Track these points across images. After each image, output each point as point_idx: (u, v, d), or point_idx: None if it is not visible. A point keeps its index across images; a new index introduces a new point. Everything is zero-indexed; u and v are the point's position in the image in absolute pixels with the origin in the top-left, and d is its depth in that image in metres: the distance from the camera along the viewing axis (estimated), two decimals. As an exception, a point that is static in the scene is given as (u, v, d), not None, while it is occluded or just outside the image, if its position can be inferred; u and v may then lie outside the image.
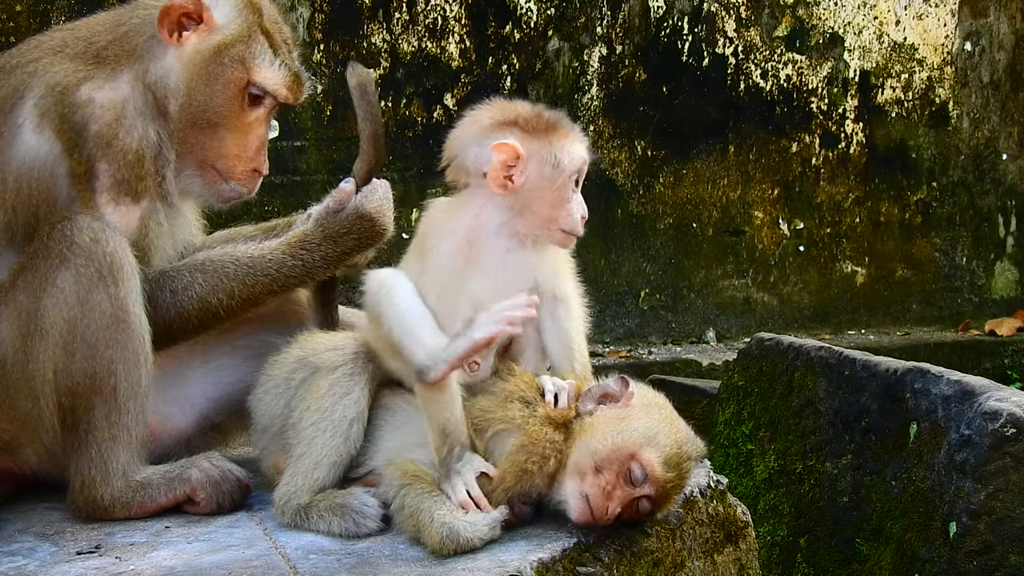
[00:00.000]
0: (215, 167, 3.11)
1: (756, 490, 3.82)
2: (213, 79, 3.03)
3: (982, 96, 6.86)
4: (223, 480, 2.86)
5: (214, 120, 3.06)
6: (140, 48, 3.03)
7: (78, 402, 2.82)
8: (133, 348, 2.84)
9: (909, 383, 3.44)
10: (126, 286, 2.82)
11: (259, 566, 2.51)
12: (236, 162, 3.11)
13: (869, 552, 3.45)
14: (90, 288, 2.79)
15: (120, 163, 2.94)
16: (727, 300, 6.31)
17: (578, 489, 2.54)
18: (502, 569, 2.43)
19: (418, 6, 5.52)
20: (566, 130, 2.81)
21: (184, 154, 3.08)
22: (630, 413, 2.60)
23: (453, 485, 2.60)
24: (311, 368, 2.83)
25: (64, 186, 2.92)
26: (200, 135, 3.07)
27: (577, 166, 2.79)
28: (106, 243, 2.81)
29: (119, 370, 2.82)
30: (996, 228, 6.97)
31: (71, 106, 2.92)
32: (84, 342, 2.80)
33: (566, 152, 2.79)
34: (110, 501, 2.84)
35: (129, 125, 2.96)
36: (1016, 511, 3.13)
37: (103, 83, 2.97)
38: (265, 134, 3.16)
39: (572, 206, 2.79)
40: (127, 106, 2.97)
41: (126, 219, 2.96)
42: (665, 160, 6.11)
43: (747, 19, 6.24)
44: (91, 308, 2.80)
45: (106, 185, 2.94)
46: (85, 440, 2.83)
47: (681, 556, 2.75)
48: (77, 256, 2.79)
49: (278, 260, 3.04)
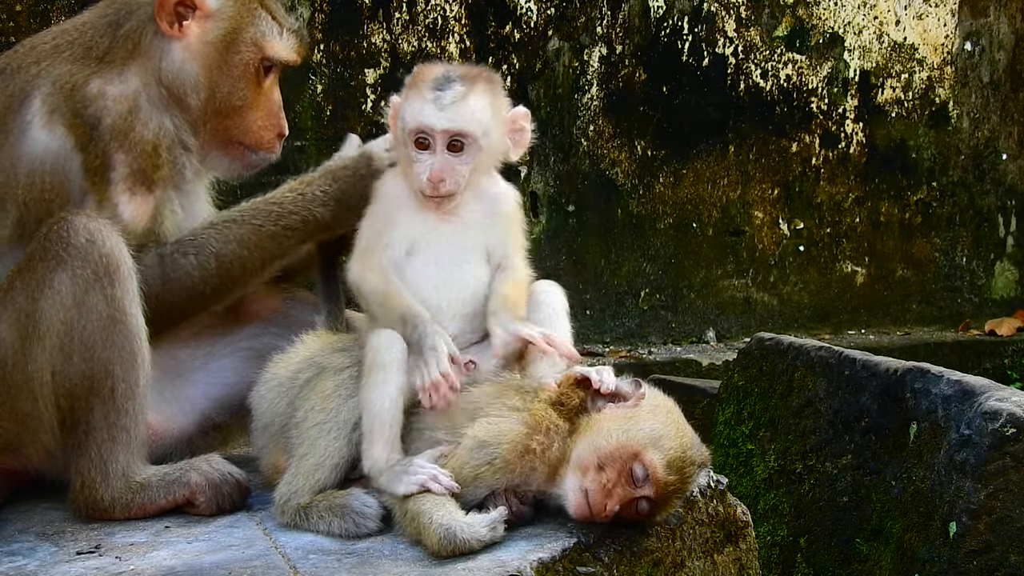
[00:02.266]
0: (242, 142, 3.18)
1: (756, 490, 3.81)
2: (232, 67, 3.10)
3: (982, 96, 6.85)
4: (223, 483, 2.86)
5: (239, 104, 3.13)
6: (144, 47, 3.06)
7: (76, 403, 2.82)
8: (130, 349, 2.84)
9: (909, 383, 3.44)
10: (123, 287, 2.83)
11: (259, 566, 2.51)
12: (262, 133, 3.19)
13: (869, 552, 3.45)
14: (86, 289, 2.79)
15: (137, 153, 2.98)
16: (727, 300, 6.31)
17: (578, 484, 2.54)
18: (502, 569, 2.44)
19: (418, 6, 5.52)
20: (421, 84, 2.76)
21: (209, 139, 3.15)
22: (638, 413, 2.61)
23: (427, 362, 2.61)
24: (317, 368, 2.83)
25: (77, 179, 2.95)
26: (226, 120, 3.14)
27: (411, 124, 2.73)
28: (102, 243, 2.81)
29: (116, 371, 2.82)
30: (996, 228, 6.97)
31: (83, 101, 2.95)
32: (81, 343, 2.81)
33: (407, 106, 2.77)
34: (110, 502, 2.84)
35: (145, 117, 3.00)
36: (1016, 511, 3.13)
37: (113, 78, 3.01)
38: (279, 97, 3.23)
39: (418, 166, 2.74)
40: (140, 98, 3.02)
41: (142, 208, 2.99)
42: (665, 160, 6.11)
43: (747, 19, 6.23)
44: (88, 309, 2.80)
45: (122, 175, 2.97)
46: (84, 441, 2.83)
47: (681, 556, 2.75)
48: (73, 257, 2.79)
49: (279, 198, 3.10)
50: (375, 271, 2.79)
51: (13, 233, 2.96)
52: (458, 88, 2.74)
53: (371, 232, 2.84)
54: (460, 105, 2.73)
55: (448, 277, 2.79)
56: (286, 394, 2.87)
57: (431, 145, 2.73)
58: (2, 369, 2.85)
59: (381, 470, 2.62)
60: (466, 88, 2.74)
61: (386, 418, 2.64)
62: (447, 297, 2.79)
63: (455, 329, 2.77)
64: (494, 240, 2.84)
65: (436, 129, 2.72)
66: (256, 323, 3.31)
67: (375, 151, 3.14)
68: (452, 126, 2.72)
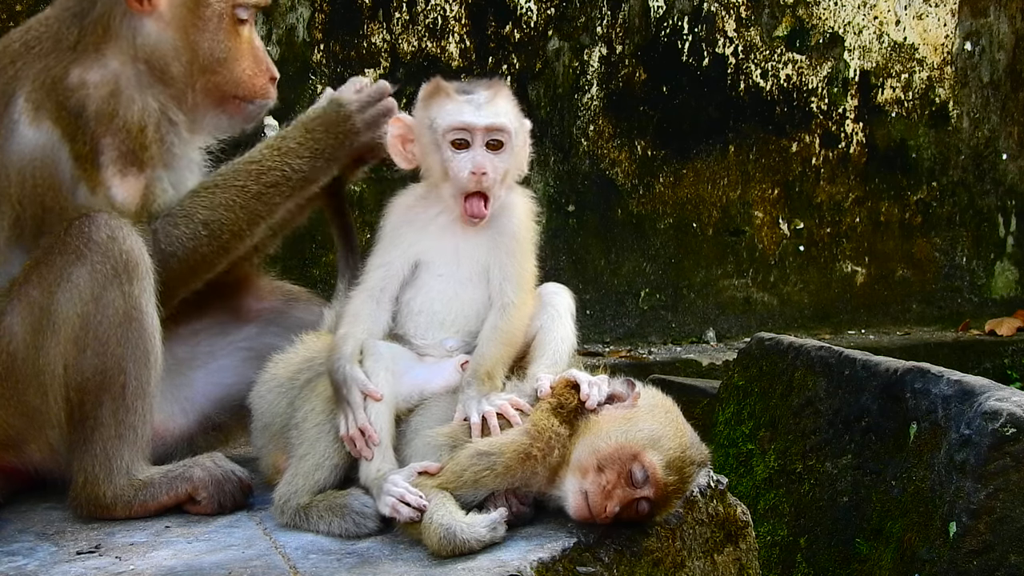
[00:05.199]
0: (235, 95, 3.17)
1: (756, 490, 3.82)
2: (207, 22, 3.08)
3: (982, 96, 6.85)
4: (225, 480, 2.86)
5: (222, 57, 3.11)
6: (115, 29, 3.05)
7: (86, 398, 2.83)
8: (144, 347, 2.85)
9: (909, 383, 3.44)
10: (140, 284, 2.84)
11: (259, 566, 2.51)
12: (254, 81, 3.17)
13: (869, 552, 3.45)
14: (105, 285, 2.81)
15: (124, 135, 2.98)
16: (727, 300, 6.31)
17: (578, 485, 2.54)
18: (502, 569, 2.44)
19: (418, 6, 5.52)
20: (447, 92, 2.79)
21: (202, 101, 3.14)
22: (636, 414, 2.61)
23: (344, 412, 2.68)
24: (317, 369, 2.84)
25: (67, 169, 2.96)
26: (214, 77, 3.12)
27: (449, 124, 2.75)
28: (123, 241, 2.83)
29: (129, 368, 2.83)
30: (996, 228, 6.97)
31: (64, 91, 2.96)
32: (96, 338, 2.82)
33: (438, 111, 2.78)
34: (112, 499, 2.84)
35: (127, 98, 3.00)
36: (1016, 511, 3.13)
37: (91, 65, 3.01)
38: (260, 42, 3.22)
39: (457, 164, 2.75)
40: (120, 80, 3.01)
41: (133, 188, 3.00)
42: (665, 160, 6.11)
43: (747, 19, 6.23)
44: (105, 305, 2.81)
45: (111, 158, 2.98)
46: (91, 437, 2.84)
47: (681, 556, 2.75)
48: (94, 252, 2.81)
49: (257, 156, 3.10)
50: (360, 291, 2.84)
51: (11, 235, 2.96)
52: (485, 91, 2.79)
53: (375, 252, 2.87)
54: (493, 104, 2.77)
55: (454, 294, 2.81)
56: (286, 394, 2.88)
57: (470, 144, 2.75)
58: (12, 362, 2.86)
59: (374, 481, 2.64)
60: (492, 91, 2.79)
61: (376, 429, 2.65)
62: (453, 312, 2.80)
63: (456, 343, 2.80)
64: (493, 262, 2.81)
65: (477, 126, 2.74)
66: (256, 323, 3.31)
67: (344, 96, 3.14)
68: (492, 122, 2.75)
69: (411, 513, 2.53)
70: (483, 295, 2.81)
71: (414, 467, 2.61)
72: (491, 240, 2.81)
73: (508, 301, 2.78)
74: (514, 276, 2.80)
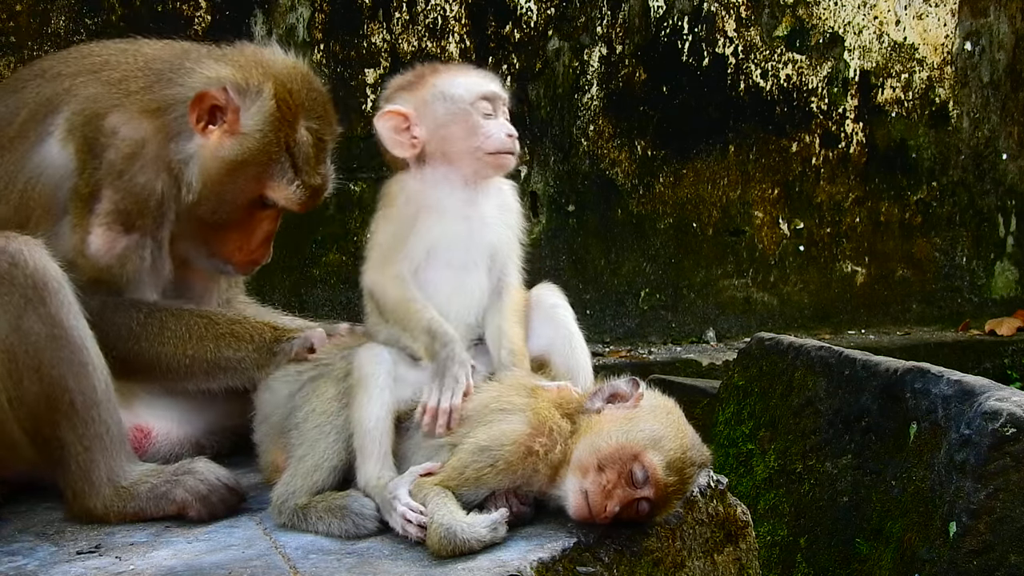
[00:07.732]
0: (214, 253, 3.18)
1: (756, 490, 3.82)
2: (226, 190, 3.07)
3: (982, 96, 6.85)
4: (211, 492, 2.83)
5: (220, 222, 3.12)
6: (170, 117, 3.05)
7: (40, 424, 2.81)
8: (79, 360, 2.81)
9: (909, 383, 3.44)
10: (55, 301, 2.80)
11: (259, 566, 2.51)
12: (236, 254, 3.19)
13: (869, 552, 3.45)
14: (19, 314, 2.77)
15: (124, 195, 3.01)
16: (727, 300, 6.31)
17: (579, 485, 2.54)
18: (502, 569, 2.44)
19: (418, 6, 5.52)
20: (448, 68, 2.90)
21: (187, 231, 3.13)
22: (638, 414, 2.60)
23: (443, 388, 2.66)
24: (321, 368, 2.85)
25: (64, 199, 3.01)
26: (205, 228, 3.13)
27: (476, 94, 2.84)
28: (25, 264, 2.78)
29: (70, 384, 2.80)
30: (996, 228, 6.97)
31: (96, 130, 3.00)
32: (28, 367, 2.78)
33: (453, 85, 2.85)
34: (103, 509, 2.84)
35: (141, 165, 3.02)
36: (1016, 511, 3.13)
37: (130, 120, 3.02)
38: (272, 230, 3.21)
39: (489, 127, 2.82)
40: (146, 148, 3.03)
41: (111, 245, 3.01)
42: (665, 160, 6.11)
43: (747, 19, 6.23)
44: (25, 333, 2.77)
45: (105, 209, 3.00)
46: (62, 456, 2.83)
47: (681, 556, 2.75)
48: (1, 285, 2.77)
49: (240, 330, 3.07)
50: (394, 281, 2.79)
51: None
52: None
53: (390, 239, 2.83)
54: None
55: (459, 284, 2.81)
56: (288, 385, 2.90)
57: (494, 113, 2.85)
58: None
59: (374, 487, 2.64)
60: None
61: (375, 436, 2.66)
62: (457, 304, 2.81)
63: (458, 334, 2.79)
64: (502, 240, 2.86)
65: (502, 94, 2.87)
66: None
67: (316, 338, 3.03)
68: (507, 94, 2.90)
69: (418, 533, 2.54)
70: (483, 282, 2.84)
71: (415, 470, 2.61)
72: (498, 214, 2.87)
73: (509, 282, 2.86)
74: (514, 255, 2.89)
